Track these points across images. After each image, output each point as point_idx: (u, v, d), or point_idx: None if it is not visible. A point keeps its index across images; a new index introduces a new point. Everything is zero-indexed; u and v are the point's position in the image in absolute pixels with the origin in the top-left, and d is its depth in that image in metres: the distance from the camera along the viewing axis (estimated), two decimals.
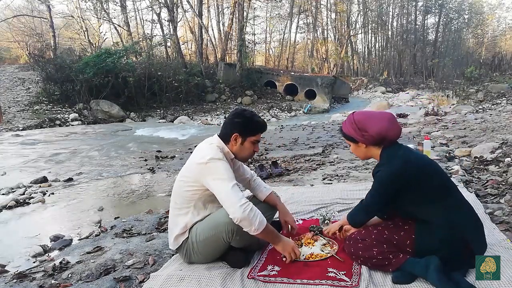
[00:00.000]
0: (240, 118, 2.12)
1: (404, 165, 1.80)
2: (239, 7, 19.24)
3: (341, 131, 2.03)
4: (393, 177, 1.80)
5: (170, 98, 16.13)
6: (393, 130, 1.88)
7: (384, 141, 1.89)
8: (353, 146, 2.00)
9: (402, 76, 28.06)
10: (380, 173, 1.85)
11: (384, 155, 1.90)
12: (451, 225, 1.76)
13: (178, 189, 2.15)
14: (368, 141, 1.91)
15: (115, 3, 22.19)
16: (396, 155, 1.85)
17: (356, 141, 1.95)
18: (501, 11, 37.05)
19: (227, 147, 2.13)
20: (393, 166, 1.81)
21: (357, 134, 1.92)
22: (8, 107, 13.04)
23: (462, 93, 14.99)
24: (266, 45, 32.29)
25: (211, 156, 2.00)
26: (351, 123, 1.94)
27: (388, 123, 1.87)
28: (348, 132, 1.96)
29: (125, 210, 3.77)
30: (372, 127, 1.87)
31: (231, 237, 2.00)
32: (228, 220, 1.94)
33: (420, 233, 1.81)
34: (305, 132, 8.53)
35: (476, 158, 4.25)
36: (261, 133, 2.18)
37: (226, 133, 2.13)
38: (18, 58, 24.61)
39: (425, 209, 1.82)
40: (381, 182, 1.85)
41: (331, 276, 1.88)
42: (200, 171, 2.01)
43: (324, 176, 4.16)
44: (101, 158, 6.65)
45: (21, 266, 2.57)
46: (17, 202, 4.01)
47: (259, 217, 1.93)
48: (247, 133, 2.11)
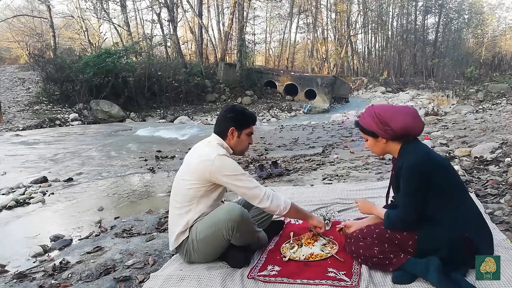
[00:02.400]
0: (233, 113, 2.19)
1: (426, 156, 1.77)
2: (239, 7, 19.25)
3: (358, 125, 1.95)
4: (417, 167, 1.73)
5: (170, 98, 16.13)
6: (417, 125, 1.82)
7: (406, 137, 1.83)
8: (371, 141, 1.92)
9: (402, 76, 28.03)
10: (405, 168, 1.77)
11: (404, 151, 1.84)
12: (460, 226, 1.73)
13: (178, 188, 2.16)
14: (389, 136, 1.84)
15: (115, 3, 22.18)
16: (417, 148, 1.81)
17: (376, 135, 1.87)
18: (501, 11, 37.04)
19: (226, 143, 2.19)
20: (415, 157, 1.76)
21: (378, 128, 1.84)
22: (8, 107, 13.04)
23: (462, 93, 15.00)
24: (266, 45, 32.36)
25: (217, 153, 2.05)
26: (372, 117, 1.85)
27: (412, 118, 1.81)
28: (368, 126, 1.88)
29: (125, 210, 3.77)
30: (396, 122, 1.80)
31: (231, 234, 2.01)
32: (228, 217, 1.98)
33: (424, 234, 1.79)
34: (305, 132, 8.53)
35: (476, 158, 4.25)
36: (254, 124, 2.28)
37: (222, 129, 2.19)
38: (18, 58, 24.64)
39: (436, 207, 1.77)
40: (409, 176, 1.76)
41: (331, 276, 1.88)
42: (206, 169, 2.03)
43: (324, 176, 4.17)
44: (101, 158, 6.65)
45: (21, 266, 2.57)
46: (17, 202, 4.01)
47: (282, 197, 2.11)
48: (242, 125, 2.19)
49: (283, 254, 2.16)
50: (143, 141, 8.76)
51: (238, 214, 2.00)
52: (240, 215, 2.00)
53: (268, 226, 2.47)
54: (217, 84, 18.66)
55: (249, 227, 2.08)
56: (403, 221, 1.83)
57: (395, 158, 1.94)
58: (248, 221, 2.07)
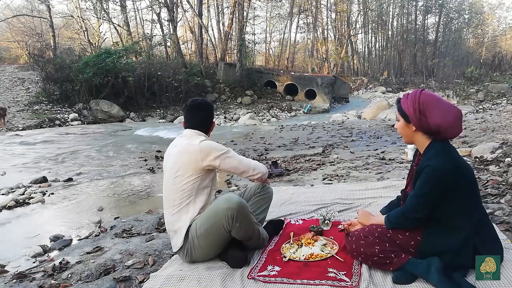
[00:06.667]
0: (208, 107, 2.33)
1: (453, 163, 1.69)
2: (239, 7, 19.23)
3: (398, 103, 1.88)
4: (440, 174, 1.67)
5: (170, 98, 16.13)
6: (455, 128, 1.74)
7: (437, 134, 1.75)
8: (402, 123, 1.85)
9: (402, 76, 28.02)
10: (428, 169, 1.69)
11: (433, 149, 1.76)
12: (470, 236, 1.70)
13: (174, 186, 2.15)
14: (421, 127, 1.76)
15: (115, 3, 22.17)
16: (445, 152, 1.73)
17: (409, 120, 1.80)
18: (501, 11, 37.21)
19: (207, 136, 2.29)
20: (442, 163, 1.68)
21: (414, 114, 1.76)
22: (8, 107, 13.03)
23: (462, 93, 15.00)
24: (266, 45, 32.33)
25: (200, 140, 2.16)
26: (414, 102, 1.76)
27: (453, 119, 1.72)
28: (406, 108, 1.80)
29: (125, 210, 3.77)
30: (434, 116, 1.72)
31: (231, 223, 2.01)
32: (227, 206, 2.02)
33: (429, 236, 1.77)
34: (305, 132, 8.53)
35: (476, 158, 4.25)
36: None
37: (206, 126, 2.30)
38: (18, 58, 24.61)
39: (449, 212, 1.72)
40: (429, 178, 1.69)
41: (331, 276, 1.88)
42: (196, 157, 2.11)
43: (324, 176, 4.16)
44: (100, 158, 6.65)
45: (21, 266, 2.57)
46: (17, 202, 4.01)
47: (259, 163, 2.36)
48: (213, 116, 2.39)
49: (283, 254, 2.15)
50: (143, 141, 8.76)
51: (237, 201, 2.03)
52: (238, 202, 2.03)
53: (268, 225, 2.47)
54: (217, 84, 18.66)
55: (248, 216, 2.08)
56: (406, 218, 1.80)
57: (420, 154, 1.89)
58: (247, 210, 2.08)
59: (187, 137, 2.22)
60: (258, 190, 2.42)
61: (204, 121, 2.29)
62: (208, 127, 2.31)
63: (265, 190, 2.44)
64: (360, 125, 9.21)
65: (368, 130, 8.15)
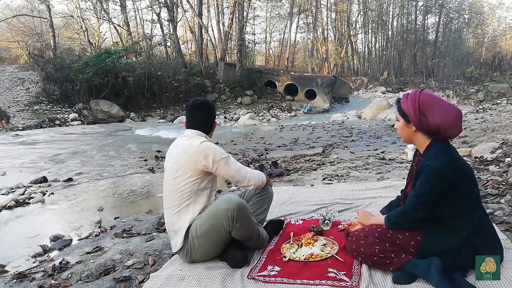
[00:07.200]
0: (209, 107, 2.32)
1: (453, 164, 1.70)
2: (239, 7, 19.22)
3: (398, 103, 1.88)
4: (440, 174, 1.67)
5: (170, 98, 16.11)
6: (455, 128, 1.75)
7: (437, 134, 1.76)
8: (401, 123, 1.86)
9: (402, 76, 28.00)
10: (428, 169, 1.69)
11: (433, 149, 1.76)
12: (470, 236, 1.70)
13: (174, 186, 2.16)
14: (421, 127, 1.77)
15: (115, 2, 22.14)
16: (445, 152, 1.74)
17: (409, 120, 1.81)
18: (501, 11, 37.20)
19: (208, 137, 2.28)
20: (441, 163, 1.69)
21: (414, 115, 1.77)
22: (8, 107, 13.03)
23: (462, 93, 15.00)
24: (266, 45, 32.31)
25: (201, 141, 2.15)
26: (413, 101, 1.77)
27: (453, 119, 1.73)
28: (406, 107, 1.81)
29: (125, 210, 3.77)
30: (434, 116, 1.73)
31: (232, 224, 2.02)
32: (227, 206, 2.01)
33: (429, 236, 1.78)
34: (305, 132, 8.53)
35: (476, 158, 4.25)
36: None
37: (207, 126, 2.29)
38: (18, 58, 24.60)
39: (449, 213, 1.73)
40: (429, 178, 1.69)
41: (331, 276, 1.88)
42: (196, 158, 2.10)
43: (324, 176, 4.16)
44: (101, 158, 6.65)
45: (21, 266, 2.57)
46: (16, 202, 4.01)
47: (258, 172, 2.34)
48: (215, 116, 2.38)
49: (283, 254, 2.15)
50: (143, 141, 8.75)
51: (237, 202, 2.03)
52: (239, 203, 2.03)
53: (268, 225, 2.48)
54: (217, 84, 18.64)
55: (248, 216, 2.09)
56: (406, 218, 1.80)
57: (420, 154, 1.89)
58: (247, 210, 2.08)
59: (188, 137, 2.21)
60: (259, 191, 2.42)
61: (205, 121, 2.28)
62: (210, 127, 2.30)
63: (266, 191, 2.44)
64: (360, 125, 9.21)
65: (368, 130, 8.15)
